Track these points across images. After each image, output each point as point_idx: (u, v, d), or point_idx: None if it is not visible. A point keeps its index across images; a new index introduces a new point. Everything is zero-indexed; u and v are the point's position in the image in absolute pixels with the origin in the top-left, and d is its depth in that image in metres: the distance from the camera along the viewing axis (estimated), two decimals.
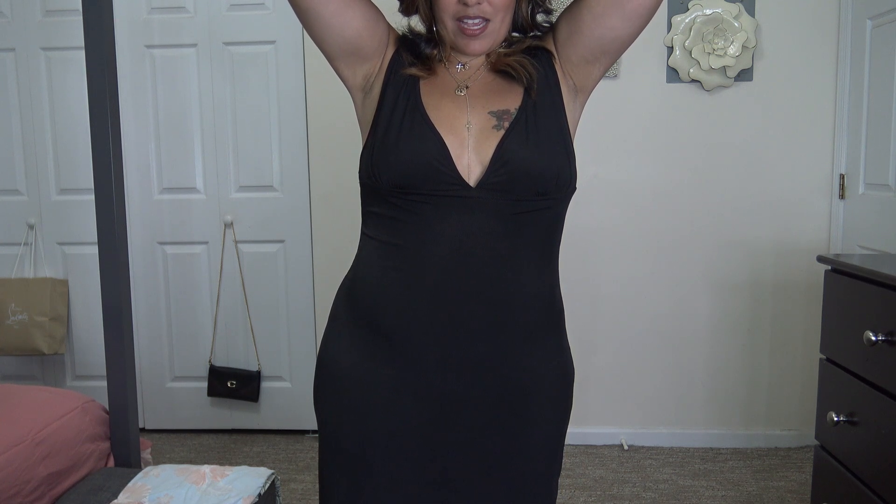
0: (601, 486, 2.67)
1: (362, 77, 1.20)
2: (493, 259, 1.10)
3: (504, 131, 1.11)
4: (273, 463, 2.91)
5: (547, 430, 1.20)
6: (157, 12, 3.06)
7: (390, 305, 1.12)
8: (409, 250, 1.11)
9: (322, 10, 1.12)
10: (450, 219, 1.09)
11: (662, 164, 2.91)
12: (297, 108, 3.03)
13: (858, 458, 1.69)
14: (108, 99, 1.80)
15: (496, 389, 1.14)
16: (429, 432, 1.13)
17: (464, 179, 1.10)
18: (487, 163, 1.10)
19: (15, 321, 3.07)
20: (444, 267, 1.09)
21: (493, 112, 1.13)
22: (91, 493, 1.69)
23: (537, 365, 1.17)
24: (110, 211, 1.84)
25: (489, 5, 1.10)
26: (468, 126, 1.13)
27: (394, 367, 1.13)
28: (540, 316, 1.16)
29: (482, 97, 1.15)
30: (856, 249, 2.70)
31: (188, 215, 3.14)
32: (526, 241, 1.13)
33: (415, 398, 1.13)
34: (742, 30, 2.76)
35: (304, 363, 3.16)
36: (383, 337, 1.13)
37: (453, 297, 1.10)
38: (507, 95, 1.15)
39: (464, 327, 1.11)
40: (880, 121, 2.54)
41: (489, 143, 1.11)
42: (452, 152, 1.10)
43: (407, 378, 1.13)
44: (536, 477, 1.19)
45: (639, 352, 3.00)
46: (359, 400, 1.14)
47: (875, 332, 1.56)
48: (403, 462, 1.14)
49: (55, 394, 1.92)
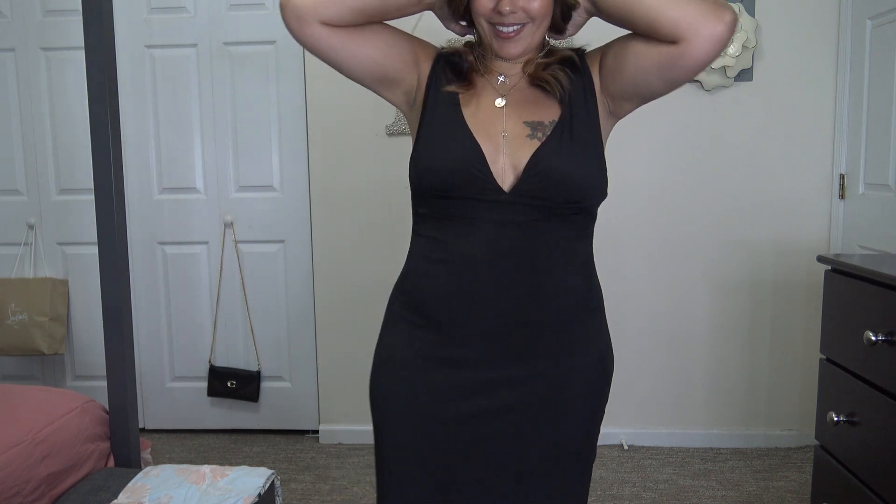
0: (601, 486, 2.67)
1: (403, 95, 1.27)
2: (526, 257, 1.18)
3: (539, 142, 1.17)
4: (273, 463, 2.91)
5: (582, 415, 1.26)
6: (157, 12, 3.06)
7: (436, 294, 1.21)
8: (451, 246, 1.20)
9: (336, 55, 1.20)
10: (486, 220, 1.17)
11: (662, 164, 2.91)
12: (297, 107, 3.03)
13: (858, 458, 1.68)
14: (108, 99, 1.81)
15: (532, 374, 1.21)
16: (468, 408, 1.21)
17: (498, 185, 1.16)
18: (521, 170, 1.16)
19: (15, 321, 3.07)
20: (481, 263, 1.18)
21: (528, 122, 1.19)
22: (91, 493, 1.69)
23: (572, 354, 1.24)
24: (110, 211, 1.84)
25: (525, 13, 1.14)
26: (504, 133, 1.19)
27: (440, 348, 1.21)
28: (574, 308, 1.23)
29: (519, 108, 1.21)
30: (856, 249, 2.70)
31: (188, 215, 3.14)
32: (557, 241, 1.20)
33: (457, 376, 1.21)
34: (742, 30, 2.76)
35: (304, 363, 3.16)
36: (431, 322, 1.22)
37: (491, 290, 1.18)
38: (544, 108, 1.21)
39: (501, 318, 1.19)
40: (880, 121, 2.54)
41: (524, 152, 1.17)
42: (488, 157, 1.17)
43: (450, 358, 1.21)
44: (568, 460, 1.24)
45: (638, 352, 3.00)
46: (412, 376, 1.23)
47: (875, 332, 1.56)
48: (444, 433, 1.22)
49: (55, 394, 1.92)
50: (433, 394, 1.22)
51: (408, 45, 1.26)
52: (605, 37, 1.25)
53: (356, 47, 1.19)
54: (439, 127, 1.20)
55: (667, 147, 2.90)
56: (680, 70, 1.12)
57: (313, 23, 1.16)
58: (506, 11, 1.13)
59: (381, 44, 1.22)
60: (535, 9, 1.14)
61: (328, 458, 2.97)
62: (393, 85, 1.25)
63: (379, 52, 1.21)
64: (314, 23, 1.16)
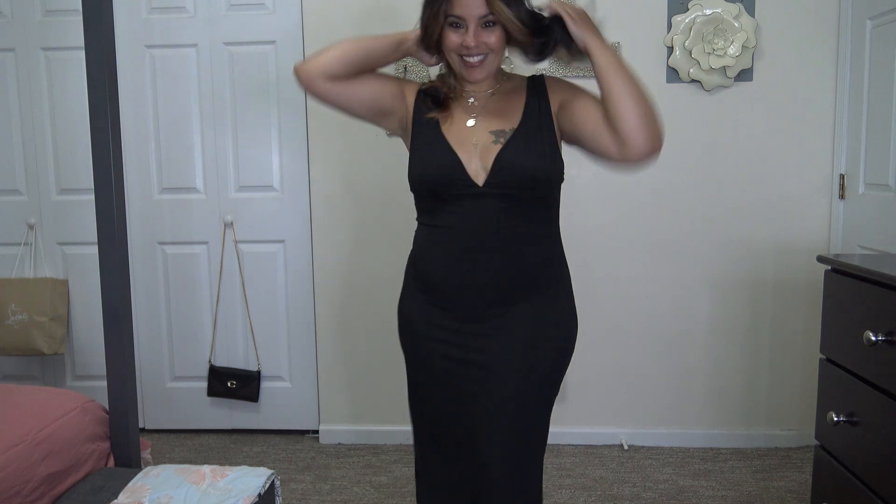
0: (601, 486, 2.67)
1: (397, 122, 1.63)
2: (503, 235, 1.51)
3: (501, 145, 1.51)
4: (273, 463, 2.91)
5: (546, 363, 1.57)
6: (157, 12, 3.06)
7: (435, 267, 1.57)
8: (444, 230, 1.55)
9: (340, 100, 1.57)
10: (468, 209, 1.51)
11: (662, 163, 2.88)
12: (297, 108, 3.03)
13: (858, 458, 1.68)
14: (108, 99, 1.80)
15: (511, 328, 1.54)
16: (463, 354, 1.56)
17: (474, 182, 1.51)
18: (489, 168, 1.50)
19: (15, 321, 3.07)
20: (468, 242, 1.52)
21: (493, 131, 1.54)
22: (91, 493, 1.69)
23: (540, 316, 1.56)
24: (110, 211, 1.84)
25: (486, 46, 1.49)
26: (475, 143, 1.53)
27: (440, 308, 1.57)
28: (544, 274, 1.57)
29: (486, 121, 1.56)
30: (856, 249, 2.70)
31: (188, 215, 3.14)
32: (527, 220, 1.53)
33: (454, 330, 1.56)
34: (742, 30, 2.76)
35: (304, 363, 3.16)
36: (434, 288, 1.58)
37: (477, 262, 1.52)
38: (506, 118, 1.55)
39: (485, 284, 1.53)
40: (880, 121, 2.54)
41: (490, 154, 1.51)
42: (464, 162, 1.51)
43: (448, 315, 1.56)
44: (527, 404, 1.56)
45: (639, 352, 3.00)
46: (420, 330, 1.61)
47: (875, 332, 1.56)
48: (449, 366, 1.59)
49: (55, 394, 1.92)
50: (437, 342, 1.58)
51: (394, 84, 1.62)
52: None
53: (354, 91, 1.56)
54: (426, 143, 1.55)
55: (667, 147, 2.87)
56: (607, 159, 1.47)
57: (319, 79, 1.53)
58: (471, 46, 1.47)
59: (373, 86, 1.58)
60: (493, 43, 1.49)
61: (328, 458, 2.97)
62: (388, 115, 1.62)
63: (372, 93, 1.57)
64: (320, 79, 1.53)
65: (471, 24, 1.46)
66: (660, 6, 2.84)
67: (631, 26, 2.85)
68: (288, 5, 2.99)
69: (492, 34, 1.48)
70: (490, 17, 1.46)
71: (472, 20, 1.46)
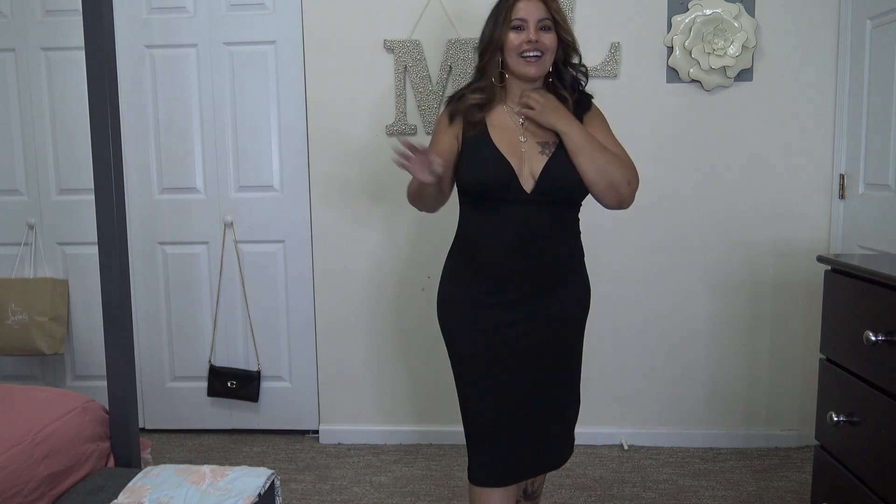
0: (601, 486, 2.67)
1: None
2: (542, 234, 1.78)
3: (548, 157, 1.77)
4: (273, 463, 2.91)
5: (576, 323, 1.91)
6: (157, 12, 3.06)
7: (488, 255, 1.78)
8: (495, 227, 1.77)
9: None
10: (516, 211, 1.76)
11: (662, 163, 2.91)
12: (297, 108, 3.03)
13: (858, 458, 1.68)
14: (108, 99, 1.80)
15: (548, 304, 1.82)
16: (510, 331, 1.80)
17: (523, 189, 1.75)
18: (537, 177, 1.75)
19: (15, 321, 3.07)
20: (515, 238, 1.76)
21: (540, 142, 1.79)
22: (91, 493, 1.69)
23: (570, 292, 1.87)
24: (110, 211, 1.84)
25: (541, 44, 1.77)
26: (524, 151, 1.78)
27: (489, 292, 1.80)
28: (571, 266, 1.88)
29: (534, 131, 1.81)
30: (856, 249, 2.70)
31: (188, 215, 3.14)
32: (561, 220, 1.82)
33: (500, 310, 1.79)
34: (742, 30, 2.76)
35: (304, 363, 3.16)
36: (485, 274, 1.80)
37: (521, 255, 1.77)
38: (549, 132, 1.79)
39: (528, 272, 1.79)
40: (880, 121, 2.54)
41: (538, 164, 1.76)
42: (516, 171, 1.74)
43: (496, 298, 1.80)
44: (570, 351, 1.91)
45: (639, 352, 3.00)
46: (467, 314, 1.83)
47: (875, 332, 1.56)
48: (498, 345, 1.81)
49: (55, 394, 1.92)
50: (485, 321, 1.80)
51: (450, 142, 1.84)
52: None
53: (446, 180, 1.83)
54: (478, 150, 1.78)
55: (667, 147, 2.90)
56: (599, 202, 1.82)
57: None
58: (533, 40, 1.75)
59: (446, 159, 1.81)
60: (549, 43, 1.78)
61: (328, 458, 2.97)
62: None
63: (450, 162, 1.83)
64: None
65: (531, 24, 1.76)
66: (660, 6, 2.84)
67: (631, 26, 2.85)
68: (288, 5, 2.99)
69: (548, 36, 1.78)
70: (547, 20, 1.77)
71: (533, 21, 1.76)
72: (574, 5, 2.83)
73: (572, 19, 2.82)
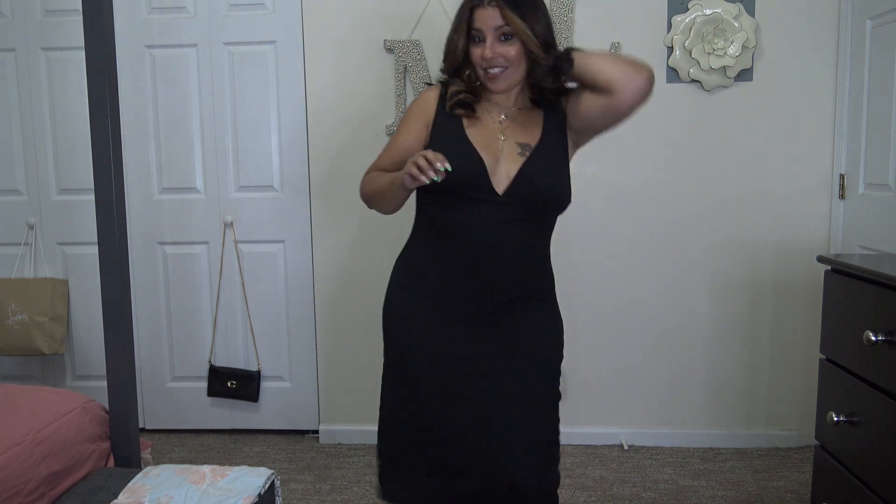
0: (601, 486, 2.67)
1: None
2: (510, 243, 1.60)
3: (526, 158, 1.61)
4: (273, 463, 2.91)
5: (546, 367, 1.69)
6: (157, 12, 3.06)
7: (441, 266, 1.62)
8: (454, 230, 1.61)
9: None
10: (482, 213, 1.59)
11: (662, 163, 2.91)
12: (297, 108, 3.03)
13: (858, 458, 1.69)
14: (108, 99, 1.80)
15: (512, 336, 1.64)
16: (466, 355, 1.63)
17: (495, 189, 1.59)
18: (512, 178, 1.59)
19: (15, 321, 3.07)
20: (478, 245, 1.59)
21: (519, 143, 1.63)
22: (91, 493, 1.69)
23: (538, 325, 1.68)
24: (110, 211, 1.84)
25: (503, 59, 1.59)
26: (501, 149, 1.62)
27: (436, 309, 1.64)
28: (540, 289, 1.69)
29: (514, 132, 1.66)
30: (856, 249, 2.70)
31: (188, 215, 3.14)
32: (531, 233, 1.64)
33: (452, 331, 1.63)
34: (742, 30, 2.76)
35: (304, 363, 3.16)
36: (434, 288, 1.64)
37: (483, 265, 1.60)
38: (529, 134, 1.65)
39: (489, 285, 1.61)
40: (880, 121, 2.54)
41: (514, 165, 1.60)
42: (489, 168, 1.59)
43: (447, 317, 1.63)
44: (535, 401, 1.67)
45: (639, 352, 3.00)
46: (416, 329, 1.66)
47: (875, 332, 1.56)
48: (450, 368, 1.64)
49: (55, 394, 1.92)
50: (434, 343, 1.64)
51: (421, 128, 1.70)
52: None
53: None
54: (448, 137, 1.62)
55: (667, 147, 2.90)
56: (614, 113, 1.57)
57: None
58: (488, 57, 1.58)
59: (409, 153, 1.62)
60: (511, 56, 1.58)
61: (328, 458, 2.97)
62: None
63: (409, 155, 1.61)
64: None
65: (488, 35, 1.58)
66: (660, 6, 2.84)
67: (631, 26, 2.85)
68: (288, 5, 2.99)
69: (510, 47, 1.58)
70: (506, 28, 1.56)
71: (489, 32, 1.57)
72: (574, 5, 2.83)
73: (572, 19, 2.82)
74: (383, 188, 1.64)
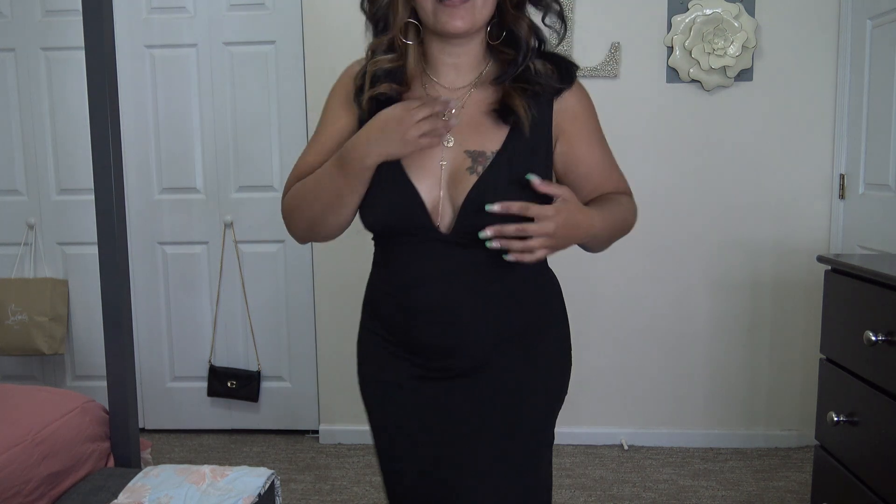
0: (601, 486, 2.67)
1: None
2: (479, 291, 1.15)
3: (477, 176, 1.10)
4: (273, 463, 2.91)
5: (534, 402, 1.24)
6: (157, 12, 3.06)
7: (388, 315, 1.23)
8: (399, 277, 1.19)
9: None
10: (430, 260, 1.15)
11: (662, 164, 2.91)
12: (297, 108, 3.03)
13: (858, 458, 1.69)
14: (108, 99, 1.80)
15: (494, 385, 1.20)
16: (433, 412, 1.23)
17: (436, 227, 1.12)
18: (458, 208, 1.11)
19: (15, 321, 3.07)
20: (430, 297, 1.15)
21: (469, 151, 1.12)
22: (91, 493, 1.69)
23: (533, 361, 1.22)
24: (110, 211, 1.84)
25: None
26: (442, 164, 1.13)
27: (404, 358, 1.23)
28: (532, 324, 1.22)
29: (462, 134, 1.13)
30: (856, 249, 2.70)
31: (188, 215, 3.14)
32: (507, 270, 1.13)
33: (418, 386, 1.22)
34: (742, 30, 2.76)
35: (304, 363, 3.16)
36: (392, 333, 1.23)
37: (432, 318, 1.16)
38: (487, 133, 1.13)
39: (454, 347, 1.17)
40: (880, 121, 2.54)
41: (461, 187, 1.11)
42: (425, 198, 1.12)
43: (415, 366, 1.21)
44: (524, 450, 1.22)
45: (639, 352, 3.00)
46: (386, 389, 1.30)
47: (875, 332, 1.56)
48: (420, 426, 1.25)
49: (55, 394, 1.92)
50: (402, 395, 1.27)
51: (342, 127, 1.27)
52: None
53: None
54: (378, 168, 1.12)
55: (667, 147, 2.90)
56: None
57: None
58: None
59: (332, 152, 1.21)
60: None
61: (328, 458, 2.97)
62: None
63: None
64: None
65: None
66: (660, 6, 2.84)
67: (631, 26, 2.84)
68: (288, 5, 2.99)
69: None
70: None
71: None
72: (574, 5, 2.83)
73: (572, 19, 2.82)
74: (326, 189, 1.19)
